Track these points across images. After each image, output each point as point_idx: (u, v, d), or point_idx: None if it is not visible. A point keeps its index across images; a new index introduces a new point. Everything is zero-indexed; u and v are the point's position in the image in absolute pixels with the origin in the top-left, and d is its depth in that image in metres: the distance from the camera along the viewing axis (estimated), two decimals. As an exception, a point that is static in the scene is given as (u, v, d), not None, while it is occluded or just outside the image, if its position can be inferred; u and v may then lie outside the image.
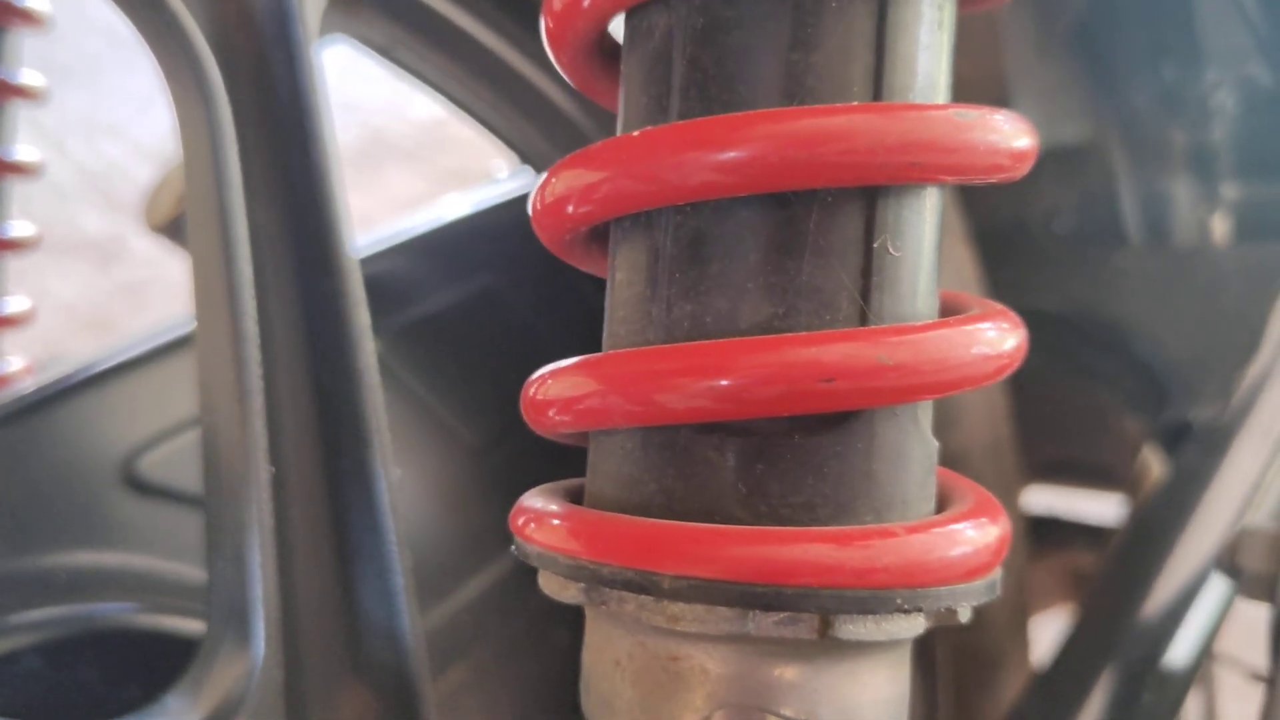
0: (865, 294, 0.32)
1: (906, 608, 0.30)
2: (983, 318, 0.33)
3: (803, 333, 0.31)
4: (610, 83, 0.38)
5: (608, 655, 0.35)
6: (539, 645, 0.94)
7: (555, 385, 0.35)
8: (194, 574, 0.78)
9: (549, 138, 0.85)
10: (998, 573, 0.34)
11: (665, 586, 0.31)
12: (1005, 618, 0.98)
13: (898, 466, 0.33)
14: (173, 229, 0.98)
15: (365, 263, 0.66)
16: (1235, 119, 1.13)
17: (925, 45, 0.33)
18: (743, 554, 0.30)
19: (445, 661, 0.90)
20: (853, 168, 0.30)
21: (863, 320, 0.32)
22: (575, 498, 0.38)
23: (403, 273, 0.96)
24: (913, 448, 0.33)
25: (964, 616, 0.32)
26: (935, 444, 0.34)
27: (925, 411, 0.34)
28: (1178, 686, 0.70)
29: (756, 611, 0.30)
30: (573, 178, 0.34)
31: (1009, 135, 0.32)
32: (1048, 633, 0.94)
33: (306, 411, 0.59)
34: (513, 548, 0.36)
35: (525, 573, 0.37)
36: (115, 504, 0.78)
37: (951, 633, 0.94)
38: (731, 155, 0.30)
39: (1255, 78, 1.09)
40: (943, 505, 0.35)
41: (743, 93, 0.32)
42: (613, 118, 0.37)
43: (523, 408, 0.37)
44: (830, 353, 0.30)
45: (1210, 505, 0.77)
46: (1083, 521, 1.22)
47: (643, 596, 0.32)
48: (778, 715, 0.32)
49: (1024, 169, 0.33)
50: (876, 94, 0.32)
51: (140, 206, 1.00)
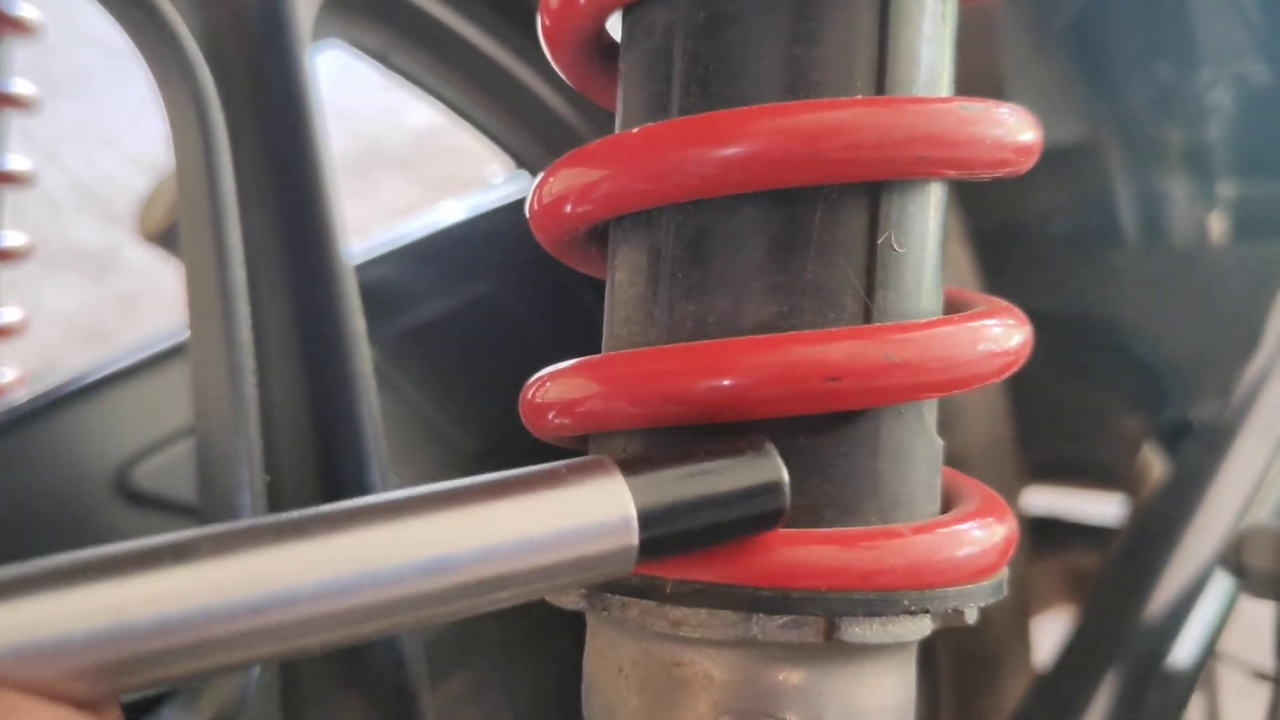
0: (870, 291, 0.31)
1: (913, 609, 0.30)
2: (988, 314, 0.32)
3: (807, 331, 0.31)
4: (608, 81, 0.38)
5: (610, 662, 0.34)
6: (539, 653, 0.94)
7: (555, 388, 0.34)
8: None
9: (544, 142, 0.84)
10: (1004, 573, 0.33)
11: (668, 591, 0.30)
12: (1006, 619, 0.98)
13: (903, 466, 0.32)
14: (166, 238, 0.97)
15: (360, 269, 0.66)
16: (1231, 117, 1.13)
17: (929, 37, 0.32)
18: (746, 557, 0.30)
19: (445, 670, 0.90)
20: (857, 163, 0.30)
21: (867, 318, 0.31)
22: (576, 502, 0.37)
23: (398, 279, 0.95)
24: (919, 447, 0.33)
25: (971, 618, 0.32)
26: (941, 443, 0.34)
27: (931, 410, 0.33)
28: (1182, 686, 0.69)
29: (761, 615, 0.30)
30: (571, 176, 0.34)
31: (1014, 129, 0.32)
32: (1049, 634, 0.93)
33: (301, 420, 0.58)
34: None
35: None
36: (109, 514, 0.78)
37: (953, 634, 0.93)
38: (734, 151, 0.30)
39: (1251, 76, 1.09)
40: (948, 505, 0.34)
41: (745, 88, 0.31)
42: (609, 120, 0.37)
43: (521, 411, 0.36)
44: (835, 351, 0.29)
45: (1212, 504, 0.77)
46: (1083, 522, 1.21)
47: (645, 602, 0.31)
48: (783, 721, 0.31)
49: (1029, 163, 0.33)
50: (880, 87, 0.31)
51: (134, 216, 1.00)
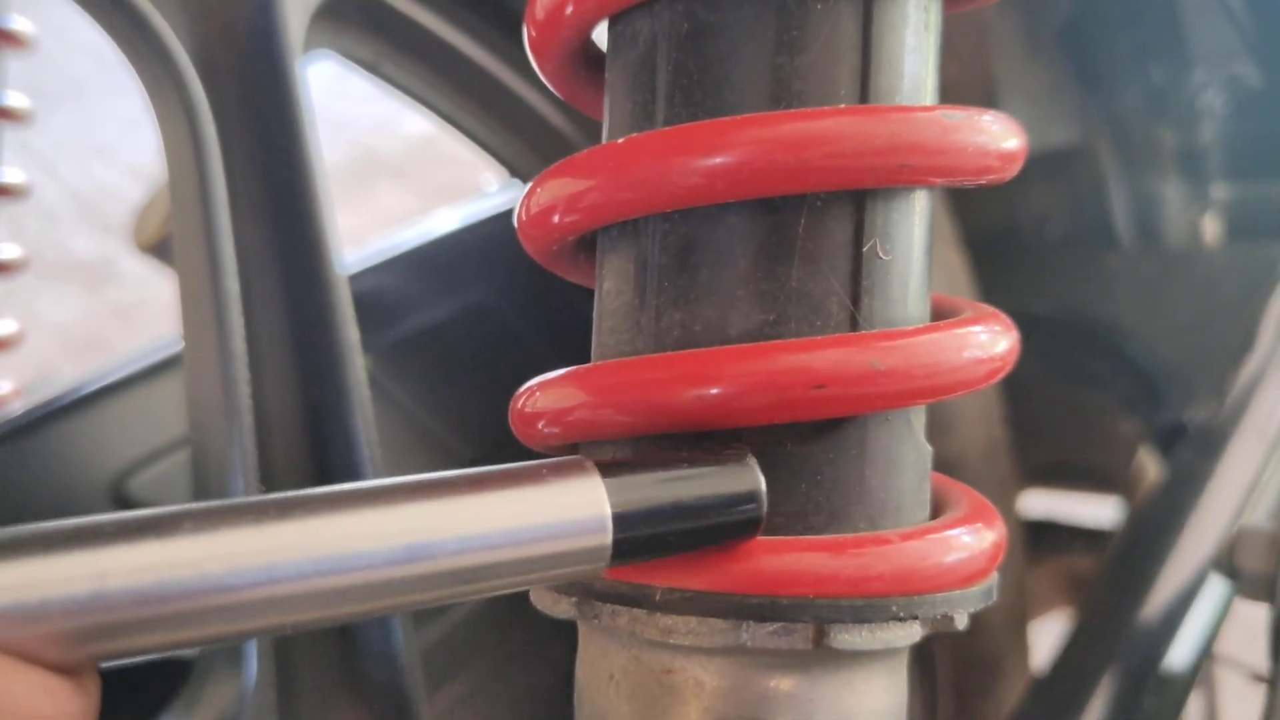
0: (855, 299, 0.31)
1: (902, 616, 0.30)
2: (974, 320, 0.33)
3: (793, 339, 0.31)
4: (595, 91, 0.38)
5: (601, 670, 0.34)
6: (534, 660, 0.94)
7: (544, 397, 0.34)
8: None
9: (537, 150, 0.84)
10: (994, 578, 0.33)
11: (658, 599, 0.30)
12: (1004, 622, 0.98)
13: (891, 473, 0.32)
14: (161, 249, 0.97)
15: (355, 279, 0.66)
16: (1223, 119, 1.13)
17: (911, 47, 0.32)
18: (735, 565, 0.30)
19: (441, 678, 0.90)
20: (841, 171, 0.30)
21: (853, 325, 0.31)
22: (567, 510, 0.37)
23: (393, 288, 0.96)
24: (906, 453, 0.33)
25: (961, 623, 0.32)
26: (929, 449, 0.34)
27: (918, 416, 0.34)
28: (1179, 688, 0.69)
29: (751, 622, 0.30)
30: (558, 187, 0.34)
31: (997, 136, 0.32)
32: (1047, 637, 0.93)
33: (296, 429, 0.58)
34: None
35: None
36: (106, 526, 0.78)
37: (951, 638, 0.93)
38: (718, 161, 0.30)
39: (1242, 78, 1.09)
40: (938, 511, 0.35)
41: (729, 98, 0.32)
42: (600, 128, 0.37)
43: (511, 420, 0.36)
44: (821, 359, 0.30)
45: (1207, 506, 0.77)
46: (1080, 525, 1.21)
47: (635, 610, 0.31)
48: (774, 727, 0.31)
49: (1013, 170, 0.33)
50: (863, 96, 0.31)
51: (130, 227, 1.00)
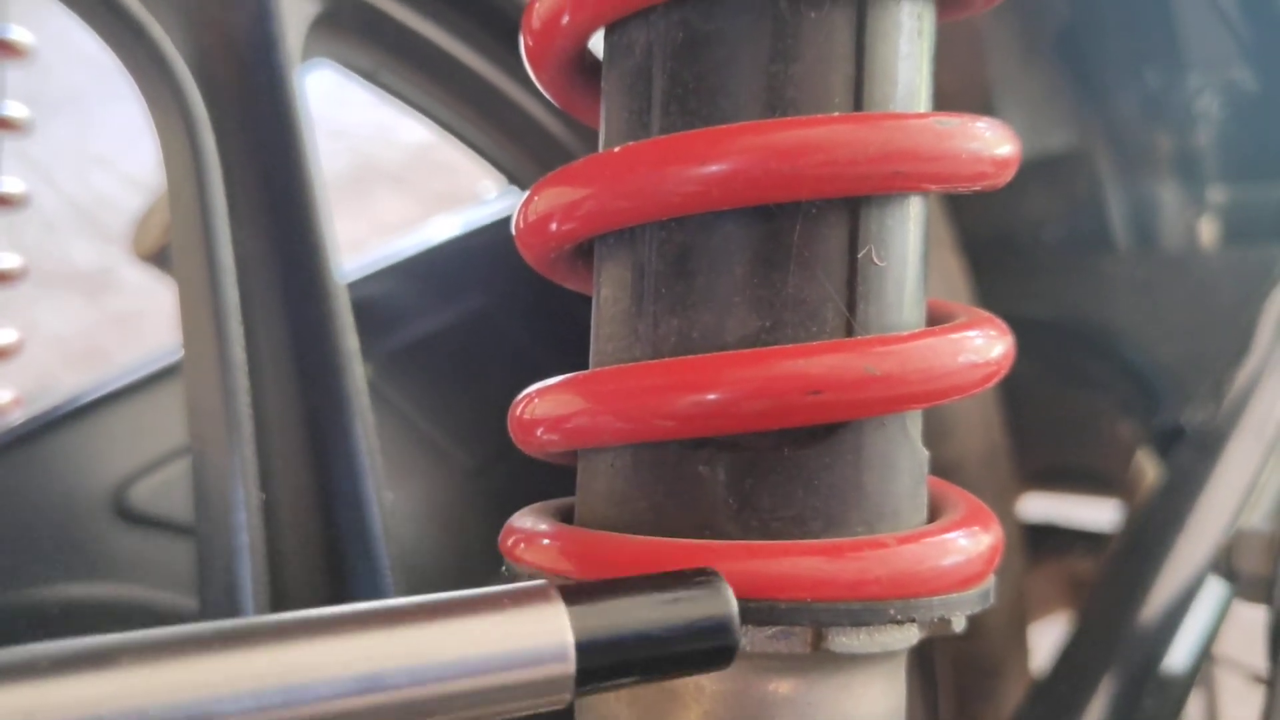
0: (851, 305, 0.32)
1: (899, 619, 0.30)
2: (969, 325, 0.33)
3: (789, 345, 0.31)
4: (592, 100, 0.38)
5: (602, 675, 0.34)
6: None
7: (542, 404, 0.35)
8: (187, 603, 0.77)
9: (535, 158, 0.85)
10: (991, 581, 0.33)
11: (657, 604, 0.31)
12: (1005, 625, 0.98)
13: (888, 477, 0.32)
14: (161, 258, 0.98)
15: (354, 287, 0.66)
16: (1219, 123, 1.13)
17: (905, 54, 0.33)
18: (734, 569, 0.30)
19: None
20: (835, 179, 0.30)
21: (849, 331, 0.31)
22: (565, 517, 0.37)
23: (392, 296, 0.96)
24: (902, 458, 0.33)
25: (958, 626, 0.32)
26: (925, 453, 0.34)
27: (914, 421, 0.34)
28: (1178, 690, 0.69)
29: (749, 626, 0.30)
30: (555, 196, 0.34)
31: (990, 142, 0.32)
32: (1048, 640, 0.94)
33: (296, 437, 0.59)
34: (503, 569, 0.36)
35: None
36: (106, 535, 0.78)
37: (951, 641, 0.94)
38: (714, 169, 0.30)
39: (1238, 82, 1.10)
40: (934, 514, 0.35)
41: (724, 106, 0.32)
42: (597, 136, 0.37)
43: (510, 428, 0.36)
44: (816, 365, 0.30)
45: (1205, 508, 0.77)
46: (1080, 528, 1.21)
47: (635, 614, 0.32)
48: (774, 731, 0.31)
49: (1007, 176, 0.33)
50: (858, 104, 0.32)
51: (129, 236, 1.00)
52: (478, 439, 0.95)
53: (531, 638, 0.27)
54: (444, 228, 1.04)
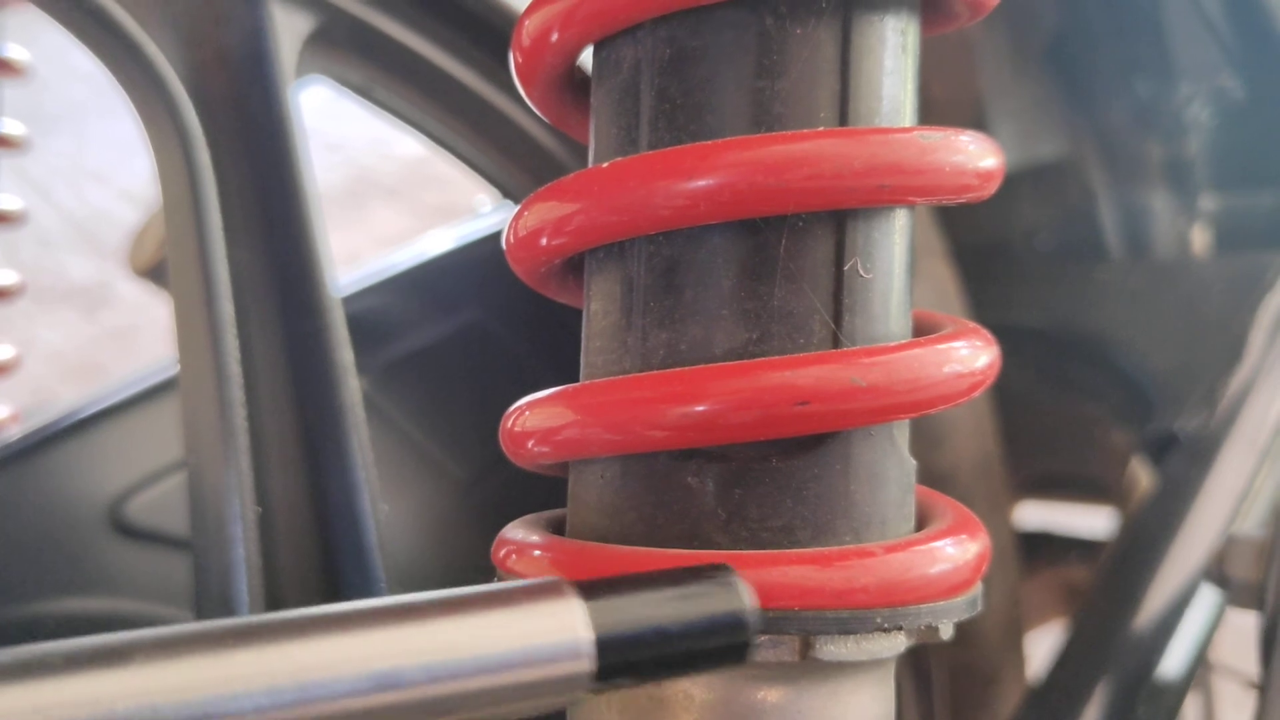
0: (837, 317, 0.32)
1: (886, 626, 0.31)
2: (955, 336, 0.33)
3: (776, 357, 0.31)
4: (581, 115, 0.38)
5: (594, 684, 0.35)
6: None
7: (533, 416, 0.35)
8: (184, 617, 0.78)
9: (528, 172, 0.85)
10: (978, 588, 0.34)
11: (647, 613, 0.31)
12: (1000, 634, 0.98)
13: (875, 486, 0.33)
14: (156, 273, 0.98)
15: (349, 300, 0.66)
16: (1210, 131, 1.14)
17: (890, 69, 0.33)
18: (723, 579, 0.30)
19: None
20: (821, 192, 0.31)
21: (835, 343, 0.32)
22: (557, 528, 0.38)
23: (387, 309, 0.96)
24: (890, 467, 0.33)
25: (946, 634, 0.32)
26: (913, 463, 0.35)
27: (901, 431, 0.34)
28: (1172, 697, 0.70)
29: (738, 635, 0.31)
30: (545, 211, 0.35)
31: (975, 155, 0.32)
32: (1043, 648, 0.94)
33: (292, 450, 0.59)
34: (496, 580, 0.37)
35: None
36: (103, 549, 0.78)
37: (947, 649, 0.94)
38: (701, 184, 0.31)
39: (1227, 90, 1.10)
40: (922, 523, 0.35)
41: (711, 122, 0.32)
42: (587, 150, 0.38)
43: (502, 440, 0.37)
44: (803, 376, 0.30)
45: (1198, 515, 0.77)
46: (1075, 536, 1.22)
47: (625, 624, 0.32)
48: (764, 739, 0.32)
49: (991, 188, 0.33)
50: (843, 119, 0.32)
51: (125, 251, 1.01)
52: (471, 451, 0.95)
53: (549, 634, 0.26)
54: (439, 241, 1.04)
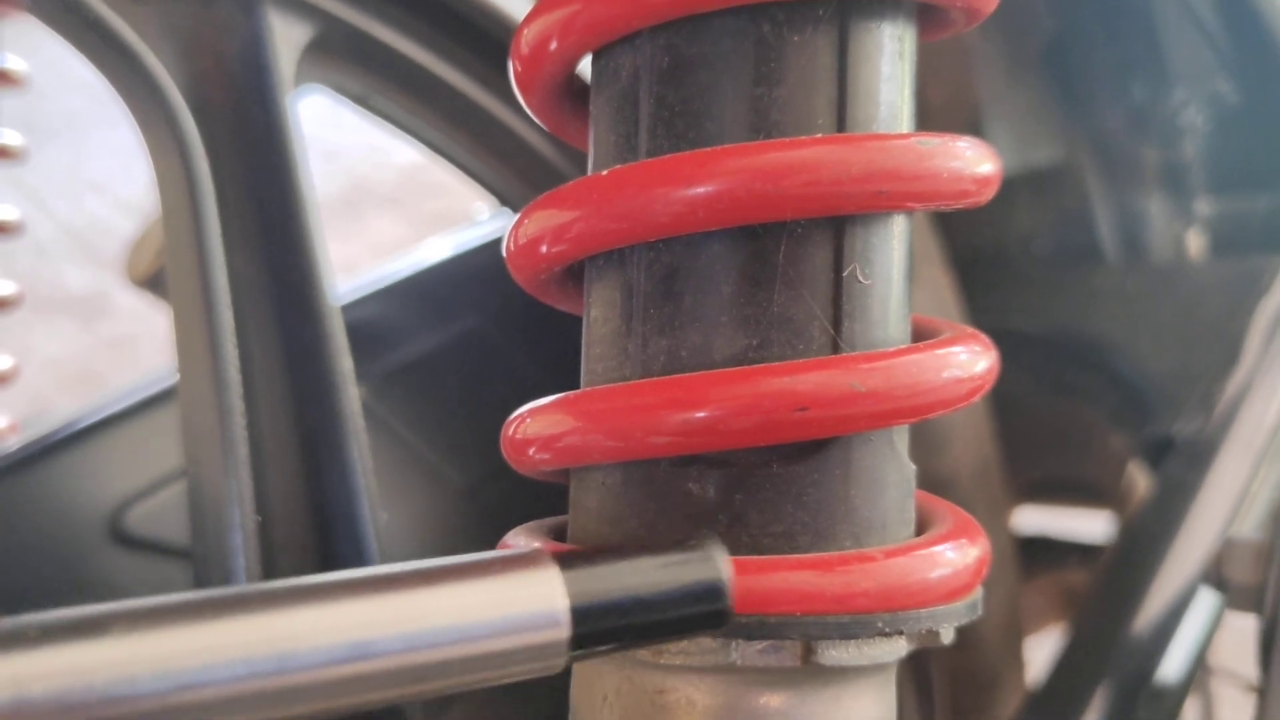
0: (836, 322, 0.32)
1: (888, 631, 0.31)
2: (954, 341, 0.33)
3: (776, 363, 0.32)
4: (580, 123, 0.39)
5: (595, 691, 0.35)
6: (533, 685, 0.94)
7: (534, 424, 0.35)
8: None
9: (526, 179, 0.85)
10: (979, 593, 0.34)
11: (649, 620, 0.31)
12: (1000, 639, 0.98)
13: (875, 491, 0.33)
14: (154, 282, 0.98)
15: (348, 309, 0.66)
16: (1205, 136, 1.14)
17: (887, 76, 0.33)
18: (725, 584, 0.31)
19: (440, 704, 0.90)
20: (819, 198, 0.31)
21: (835, 348, 0.32)
22: (558, 535, 0.38)
23: (386, 317, 0.96)
24: (889, 472, 0.33)
25: (946, 638, 0.33)
26: (912, 468, 0.35)
27: (901, 436, 0.34)
28: (1172, 700, 0.70)
29: (740, 641, 0.31)
30: (545, 218, 0.35)
31: (972, 161, 0.33)
32: (1043, 652, 0.94)
33: (291, 459, 0.59)
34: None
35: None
36: (103, 559, 0.78)
37: (947, 654, 0.94)
38: (700, 191, 0.31)
39: (1222, 95, 1.11)
40: (922, 528, 0.35)
41: (709, 129, 0.32)
42: (586, 158, 0.38)
43: (503, 447, 0.37)
44: (803, 382, 0.30)
45: (1196, 518, 0.77)
46: (1074, 540, 1.22)
47: (627, 631, 0.32)
48: (766, 744, 0.32)
49: (989, 194, 0.34)
50: (841, 125, 0.32)
51: (123, 261, 1.01)
52: (471, 459, 0.95)
53: (525, 602, 0.27)
54: (437, 249, 1.04)
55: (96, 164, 3.57)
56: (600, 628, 0.28)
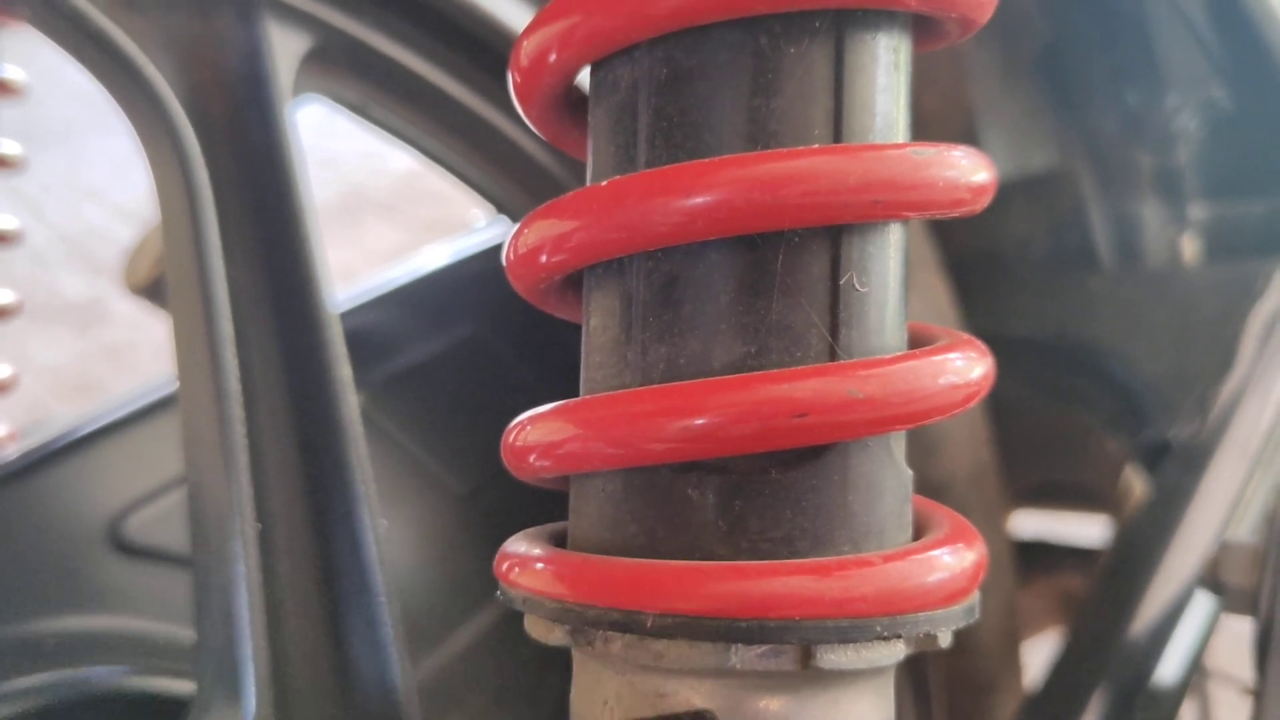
0: (834, 330, 0.32)
1: (886, 635, 0.31)
2: (950, 348, 0.34)
3: (774, 370, 0.32)
4: (579, 134, 0.39)
5: (597, 696, 0.35)
6: (533, 691, 0.94)
7: (534, 431, 0.35)
8: (184, 634, 0.78)
9: (524, 188, 0.86)
10: (976, 597, 0.34)
11: (649, 625, 0.31)
12: (997, 642, 0.98)
13: (873, 497, 0.33)
14: (152, 290, 0.98)
15: (347, 316, 0.66)
16: (1199, 141, 1.15)
17: (883, 87, 0.34)
18: (724, 589, 0.31)
19: (441, 710, 0.90)
20: (816, 208, 0.31)
21: (832, 355, 0.32)
22: (559, 541, 0.38)
23: (384, 325, 0.96)
24: (887, 478, 0.34)
25: (944, 641, 0.33)
26: (910, 473, 0.35)
27: (898, 442, 0.35)
28: (1169, 703, 0.70)
29: (740, 645, 0.31)
30: (545, 228, 0.35)
31: (967, 170, 0.33)
32: (1041, 656, 0.94)
33: (291, 467, 0.59)
34: (498, 593, 0.37)
35: (516, 618, 0.37)
36: (103, 567, 0.78)
37: (945, 658, 0.94)
38: (698, 201, 0.31)
39: (1216, 100, 1.11)
40: (920, 533, 0.36)
41: (707, 140, 0.33)
42: (585, 167, 0.38)
43: (503, 454, 0.37)
44: (801, 389, 0.31)
45: (1192, 522, 0.78)
46: (1071, 544, 1.22)
47: (628, 635, 0.32)
48: (766, 747, 0.32)
49: (983, 202, 0.34)
50: (837, 136, 0.33)
51: (121, 269, 1.01)
52: (470, 465, 0.96)
53: None
54: (434, 256, 1.05)
55: (94, 172, 3.57)
56: None
